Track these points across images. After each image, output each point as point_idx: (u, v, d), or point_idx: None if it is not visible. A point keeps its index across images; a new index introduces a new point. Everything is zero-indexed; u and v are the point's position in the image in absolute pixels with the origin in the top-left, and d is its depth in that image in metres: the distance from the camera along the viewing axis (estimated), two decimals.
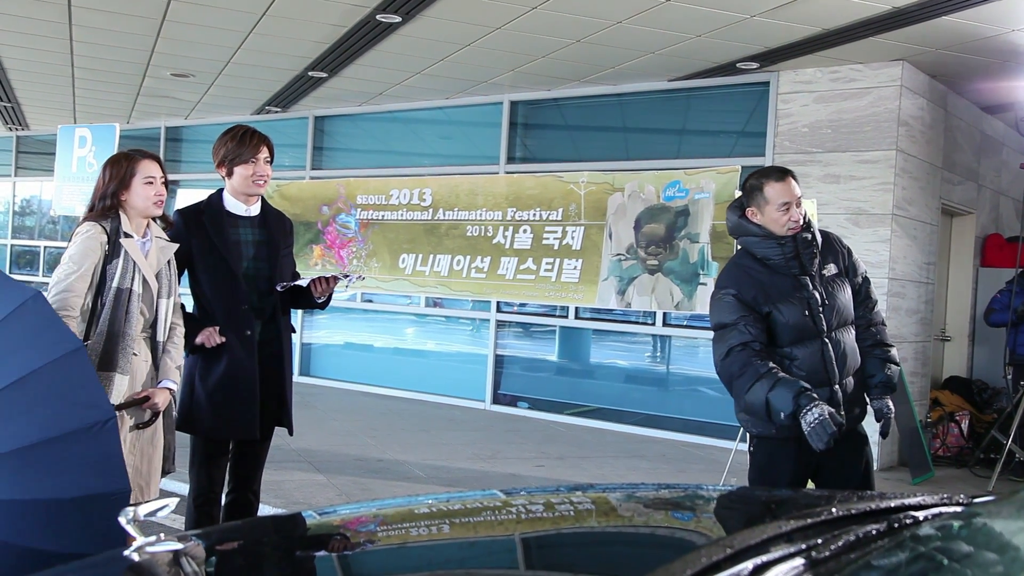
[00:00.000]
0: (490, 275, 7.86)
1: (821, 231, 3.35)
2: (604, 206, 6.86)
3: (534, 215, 7.62)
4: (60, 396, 2.54)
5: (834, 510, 1.40)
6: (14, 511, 2.39)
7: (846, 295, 3.29)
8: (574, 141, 9.32)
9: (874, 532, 1.34)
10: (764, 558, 1.15)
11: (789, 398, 2.93)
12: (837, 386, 3.16)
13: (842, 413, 3.10)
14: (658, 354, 8.72)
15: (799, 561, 1.17)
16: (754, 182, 3.26)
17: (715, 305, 3.26)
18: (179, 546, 1.50)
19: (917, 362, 7.64)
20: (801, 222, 3.20)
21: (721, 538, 1.18)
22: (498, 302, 9.15)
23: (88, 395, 2.55)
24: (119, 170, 3.25)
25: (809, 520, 1.33)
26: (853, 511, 1.41)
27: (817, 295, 3.20)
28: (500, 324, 9.33)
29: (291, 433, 3.78)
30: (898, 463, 7.31)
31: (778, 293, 3.18)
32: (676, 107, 8.50)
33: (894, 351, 3.37)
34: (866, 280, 3.40)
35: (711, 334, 3.31)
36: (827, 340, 3.18)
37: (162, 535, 1.50)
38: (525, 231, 7.68)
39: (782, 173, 3.21)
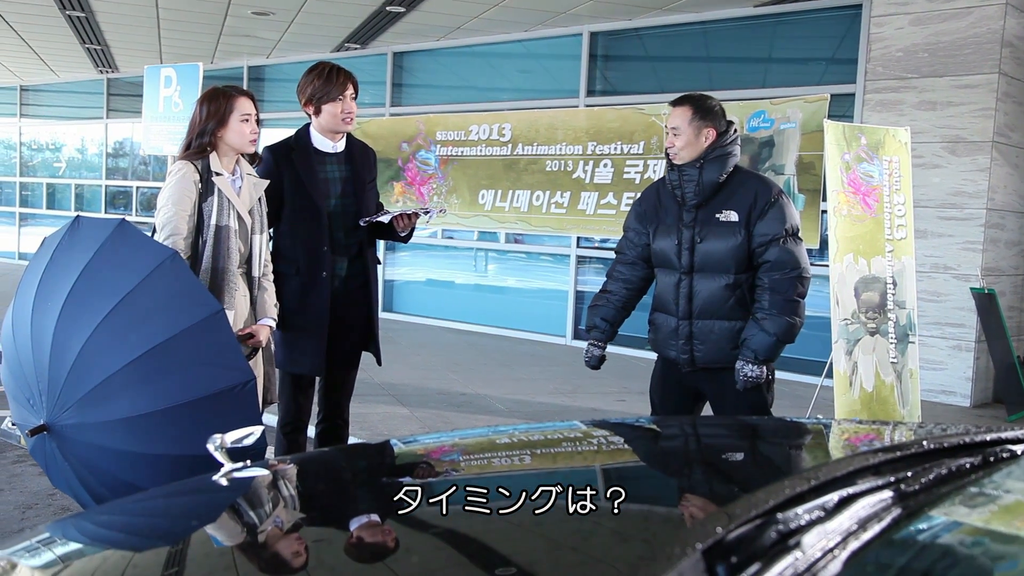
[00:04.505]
0: (570, 210, 7.80)
1: (751, 175, 3.36)
2: None
3: (615, 149, 7.51)
4: (202, 358, 2.60)
5: (925, 443, 1.36)
6: (159, 465, 2.49)
7: (727, 244, 3.23)
8: (656, 72, 9.10)
9: (968, 465, 1.29)
10: (850, 490, 1.12)
11: (585, 325, 3.58)
12: (686, 321, 3.31)
13: (690, 348, 3.32)
14: None
15: (887, 494, 1.14)
16: None
17: None
18: (265, 472, 1.54)
19: (1016, 296, 7.35)
20: (675, 150, 3.30)
21: (806, 469, 1.15)
22: (579, 237, 9.09)
23: (228, 358, 2.60)
24: (217, 107, 3.25)
25: (899, 452, 1.29)
26: (946, 444, 1.36)
27: (687, 232, 3.28)
28: (581, 260, 9.29)
29: (379, 362, 3.86)
30: (993, 400, 7.09)
31: (663, 215, 3.40)
32: (762, 34, 8.20)
33: (776, 321, 3.18)
34: (773, 242, 3.20)
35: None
36: (684, 277, 3.30)
37: (248, 461, 1.54)
38: (606, 165, 7.58)
39: (671, 103, 3.39)
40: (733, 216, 3.23)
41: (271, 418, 4.15)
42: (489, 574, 1.06)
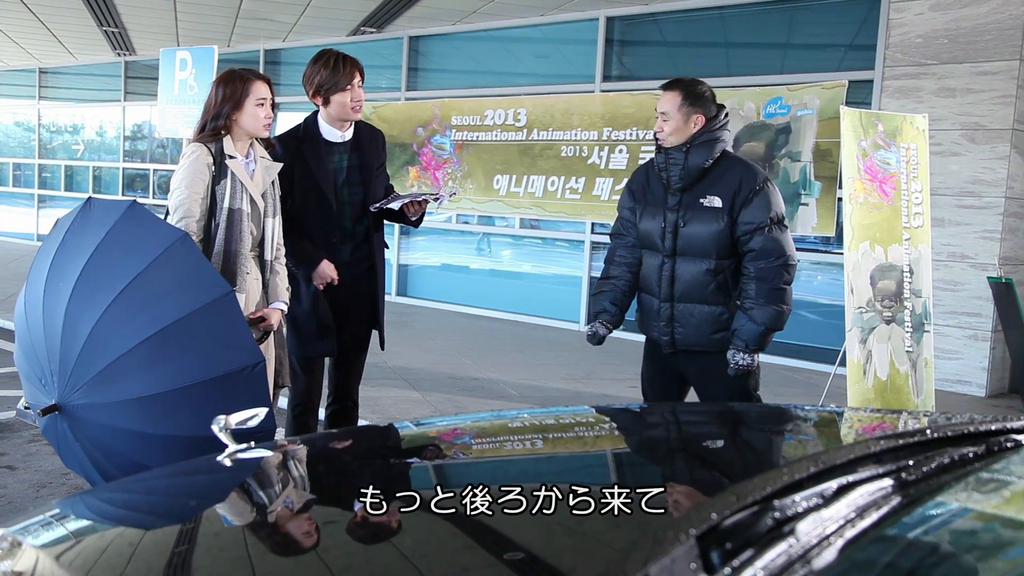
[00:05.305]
0: (585, 196, 7.78)
1: (738, 162, 3.34)
2: None
3: (630, 134, 7.47)
4: (212, 340, 2.61)
5: (929, 432, 1.35)
6: (169, 445, 2.51)
7: (709, 229, 3.23)
8: (672, 58, 9.04)
9: (971, 455, 1.28)
10: (850, 478, 1.11)
11: (591, 311, 3.58)
12: (667, 303, 3.35)
13: (671, 330, 3.36)
14: None
15: (886, 482, 1.13)
16: None
17: None
18: (269, 453, 1.55)
19: None
20: (664, 135, 3.30)
21: (806, 457, 1.14)
22: (593, 223, 9.06)
23: (238, 338, 2.61)
24: (233, 90, 3.23)
25: (900, 441, 1.28)
26: (950, 433, 1.35)
27: (671, 216, 3.29)
28: (595, 245, 9.26)
29: (383, 346, 3.87)
30: (1009, 390, 7.04)
31: (650, 196, 3.41)
32: (780, 20, 8.13)
33: (764, 310, 3.20)
34: (758, 230, 3.20)
35: (811, 256, 3.32)
36: (667, 260, 3.32)
37: (253, 443, 1.55)
38: (621, 151, 7.55)
39: (661, 87, 3.37)
40: (717, 202, 3.24)
41: (283, 400, 4.17)
42: (484, 555, 1.06)
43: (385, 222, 3.84)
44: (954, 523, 1.17)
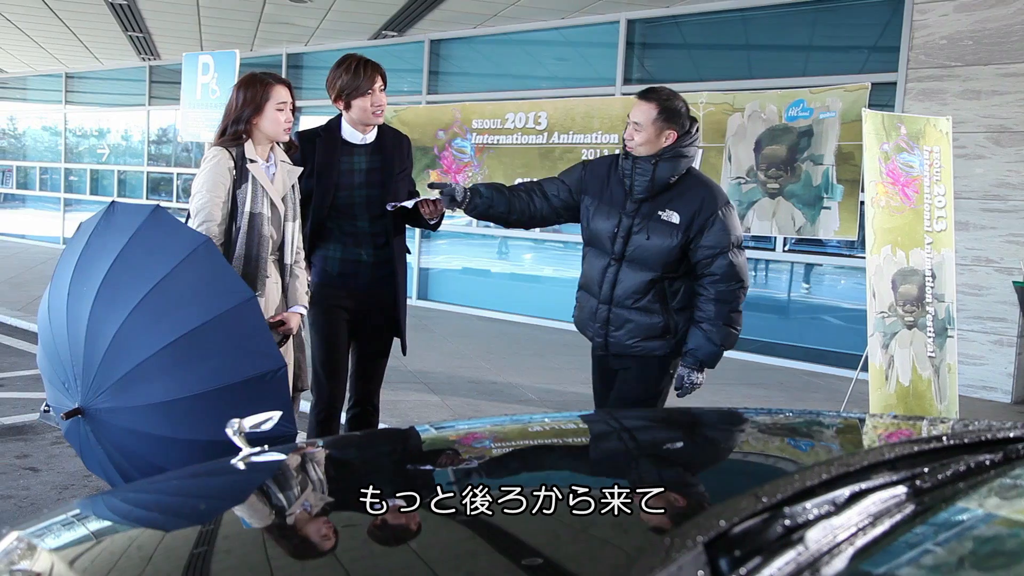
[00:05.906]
0: None
1: (701, 182, 3.31)
2: (723, 128, 6.62)
3: None
4: (234, 345, 2.63)
5: (945, 438, 1.33)
6: (192, 450, 2.53)
7: (662, 243, 3.22)
8: (694, 60, 9.02)
9: (988, 462, 1.27)
10: (863, 485, 1.11)
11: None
12: (605, 305, 3.35)
13: (605, 333, 3.38)
14: (777, 280, 8.49)
15: (900, 489, 1.12)
16: None
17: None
18: (282, 457, 1.55)
19: None
20: (633, 144, 3.25)
21: (818, 464, 1.13)
22: None
23: (260, 344, 2.63)
24: (254, 94, 3.24)
25: (915, 448, 1.27)
26: (967, 440, 1.34)
27: (626, 221, 3.27)
28: None
29: (404, 351, 3.87)
30: None
31: (607, 196, 3.34)
32: (802, 22, 8.09)
33: (722, 332, 3.23)
34: (721, 254, 3.20)
35: (833, 260, 3.31)
36: (613, 263, 3.31)
37: (266, 446, 1.56)
38: None
39: (638, 95, 3.30)
40: (675, 217, 3.22)
41: (306, 405, 4.19)
42: (490, 560, 1.06)
43: (407, 227, 3.85)
44: (969, 531, 1.15)
